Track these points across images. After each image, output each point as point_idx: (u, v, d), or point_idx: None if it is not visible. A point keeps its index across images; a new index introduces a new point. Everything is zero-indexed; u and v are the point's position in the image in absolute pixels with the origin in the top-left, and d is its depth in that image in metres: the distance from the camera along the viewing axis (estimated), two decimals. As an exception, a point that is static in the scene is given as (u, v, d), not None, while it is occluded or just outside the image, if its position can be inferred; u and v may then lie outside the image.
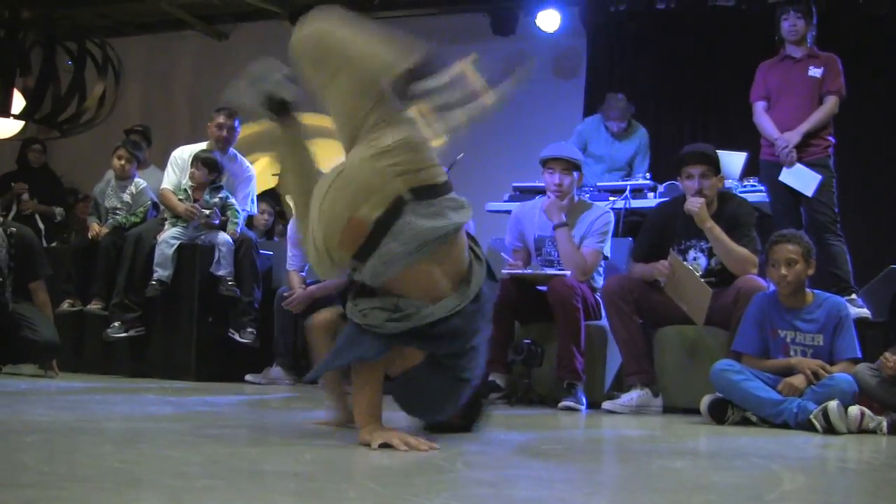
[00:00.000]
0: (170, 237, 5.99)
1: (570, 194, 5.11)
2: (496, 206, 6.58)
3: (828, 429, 3.87)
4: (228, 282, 5.94)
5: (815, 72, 5.50)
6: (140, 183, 6.44)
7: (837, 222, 5.42)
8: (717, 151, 4.98)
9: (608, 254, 5.18)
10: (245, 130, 6.46)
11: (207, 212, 6.01)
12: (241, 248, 6.01)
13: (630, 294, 4.79)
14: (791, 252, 4.24)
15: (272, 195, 7.21)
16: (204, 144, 6.37)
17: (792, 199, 5.49)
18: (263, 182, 7.45)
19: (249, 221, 6.54)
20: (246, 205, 6.36)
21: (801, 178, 5.40)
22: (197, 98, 10.29)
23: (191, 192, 6.10)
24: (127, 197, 6.37)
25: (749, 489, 2.33)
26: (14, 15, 8.81)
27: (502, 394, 4.85)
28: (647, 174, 6.61)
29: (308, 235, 2.76)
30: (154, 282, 5.90)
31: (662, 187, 6.17)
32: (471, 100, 2.69)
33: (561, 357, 4.77)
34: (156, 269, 5.92)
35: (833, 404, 3.89)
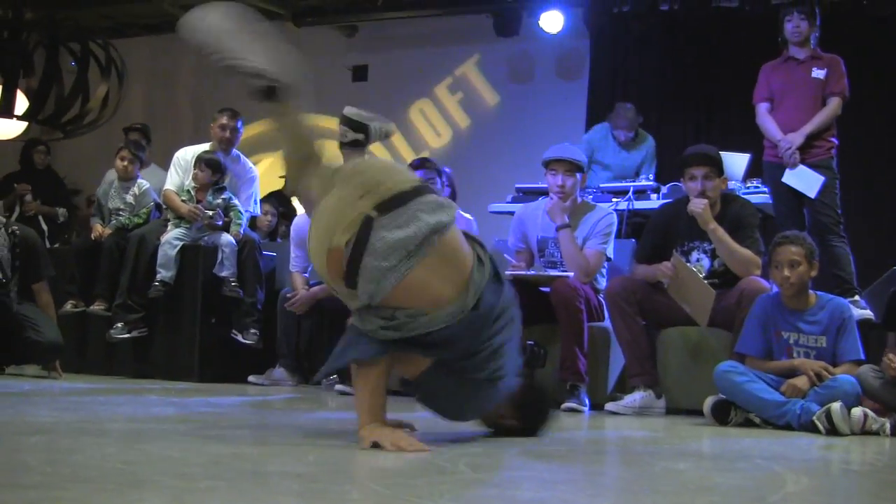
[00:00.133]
0: (173, 238, 6.00)
1: (573, 195, 5.10)
2: (499, 207, 6.57)
3: (831, 430, 3.86)
4: (231, 283, 5.94)
5: (818, 73, 5.49)
6: (143, 184, 6.45)
7: (841, 224, 5.41)
8: (720, 153, 4.98)
9: (611, 255, 5.17)
10: (248, 132, 6.47)
11: (210, 213, 6.01)
12: (245, 249, 6.02)
13: (633, 295, 4.78)
14: (794, 254, 4.24)
15: (276, 196, 7.21)
16: (207, 145, 6.38)
17: (795, 201, 5.48)
18: (267, 183, 7.46)
19: (253, 222, 6.54)
20: (249, 206, 6.37)
21: (805, 180, 5.39)
22: (200, 99, 10.30)
23: (194, 193, 6.10)
24: (130, 198, 6.38)
25: (752, 491, 2.33)
26: (17, 16, 8.81)
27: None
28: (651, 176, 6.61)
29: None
30: (157, 283, 5.91)
31: (665, 189, 6.16)
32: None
33: (564, 358, 4.77)
34: (159, 270, 5.93)
35: (836, 406, 3.89)
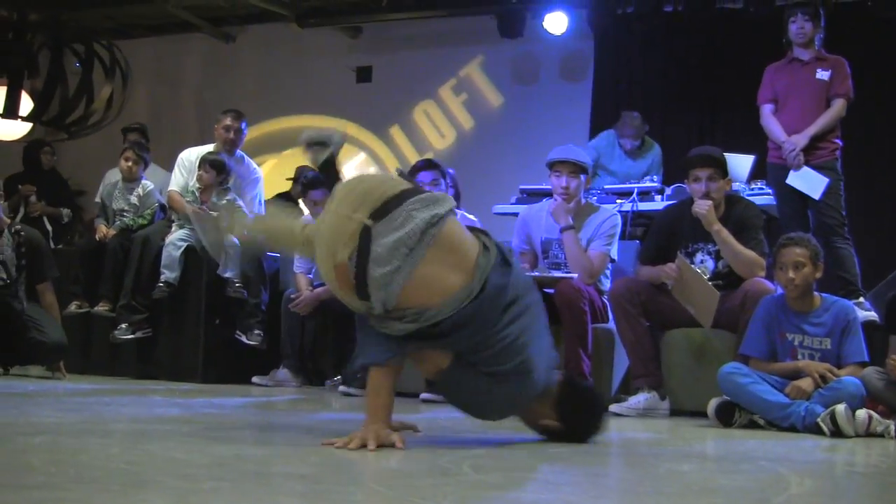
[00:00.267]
0: (177, 239, 6.00)
1: (577, 197, 5.10)
2: (503, 208, 6.56)
3: (835, 432, 3.86)
4: (235, 284, 5.94)
5: (822, 74, 5.48)
6: (147, 185, 6.45)
7: (845, 225, 5.40)
8: (724, 154, 4.97)
9: (615, 256, 5.17)
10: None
11: (215, 214, 6.01)
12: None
13: (637, 297, 4.78)
14: (799, 255, 4.23)
15: (281, 198, 7.21)
16: (211, 146, 6.37)
17: (799, 202, 5.47)
18: (272, 185, 7.46)
19: (256, 223, 6.53)
20: (253, 207, 6.37)
21: (809, 181, 5.38)
22: (204, 100, 10.31)
23: (198, 194, 6.10)
24: (134, 199, 6.38)
25: (756, 493, 2.33)
26: (22, 17, 8.82)
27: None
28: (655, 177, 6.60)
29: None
30: (161, 283, 5.91)
31: (670, 190, 6.15)
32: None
33: (568, 360, 4.76)
34: (163, 270, 5.93)
35: (841, 408, 3.88)
